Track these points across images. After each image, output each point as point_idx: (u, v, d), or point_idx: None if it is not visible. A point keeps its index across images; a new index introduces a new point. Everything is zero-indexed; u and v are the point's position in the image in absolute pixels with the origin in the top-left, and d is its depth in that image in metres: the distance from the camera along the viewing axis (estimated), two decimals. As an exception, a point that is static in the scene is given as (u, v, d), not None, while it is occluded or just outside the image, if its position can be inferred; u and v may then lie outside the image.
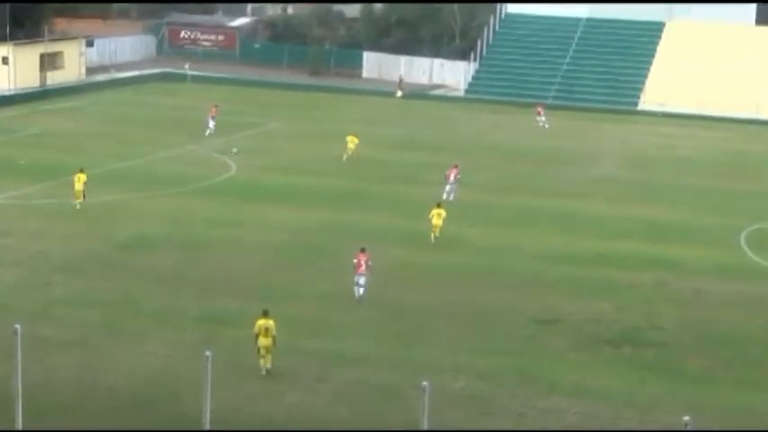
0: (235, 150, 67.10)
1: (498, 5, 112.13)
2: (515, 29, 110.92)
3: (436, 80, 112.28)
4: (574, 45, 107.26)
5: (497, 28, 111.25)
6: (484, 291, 40.09)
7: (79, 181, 51.01)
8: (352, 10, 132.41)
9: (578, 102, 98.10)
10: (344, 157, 66.11)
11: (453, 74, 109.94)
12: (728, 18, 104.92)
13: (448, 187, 55.30)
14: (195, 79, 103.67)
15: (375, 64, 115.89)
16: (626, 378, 31.79)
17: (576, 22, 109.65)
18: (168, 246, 44.68)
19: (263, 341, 30.96)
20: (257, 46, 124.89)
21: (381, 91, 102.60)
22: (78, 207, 50.37)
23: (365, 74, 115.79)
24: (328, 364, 31.72)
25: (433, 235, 46.99)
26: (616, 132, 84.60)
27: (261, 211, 51.51)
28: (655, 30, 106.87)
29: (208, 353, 23.05)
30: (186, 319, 35.34)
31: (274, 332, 30.97)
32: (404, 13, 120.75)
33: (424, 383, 23.05)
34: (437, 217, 47.04)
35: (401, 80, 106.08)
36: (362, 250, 38.87)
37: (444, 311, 37.40)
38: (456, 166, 56.97)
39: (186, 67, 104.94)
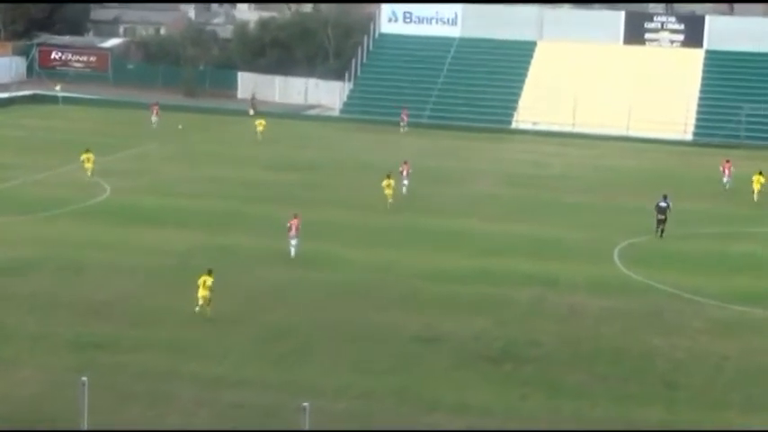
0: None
1: (372, 25, 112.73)
2: (389, 48, 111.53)
3: (311, 100, 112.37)
4: (447, 64, 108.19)
5: (371, 47, 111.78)
6: (364, 309, 40.01)
7: (89, 161, 63.90)
8: (226, 30, 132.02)
9: (453, 121, 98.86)
10: (259, 137, 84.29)
11: (329, 94, 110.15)
12: (598, 37, 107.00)
13: (406, 182, 62.73)
14: (67, 101, 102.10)
15: (250, 84, 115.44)
16: (506, 394, 31.97)
17: (449, 41, 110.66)
18: (41, 270, 43.72)
19: (201, 292, 37.27)
20: (131, 67, 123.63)
21: (257, 111, 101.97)
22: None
23: (240, 94, 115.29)
24: (208, 387, 31.30)
25: (388, 202, 58.26)
26: (491, 151, 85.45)
27: (137, 234, 50.79)
28: (526, 49, 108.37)
29: (84, 378, 22.61)
30: (61, 345, 34.54)
31: (210, 284, 37.22)
32: (278, 34, 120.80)
33: (305, 404, 22.89)
34: (388, 187, 58.44)
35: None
36: (295, 216, 47.40)
37: (324, 331, 37.23)
38: (406, 162, 63.76)
39: (57, 88, 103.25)
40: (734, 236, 56.28)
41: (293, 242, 46.87)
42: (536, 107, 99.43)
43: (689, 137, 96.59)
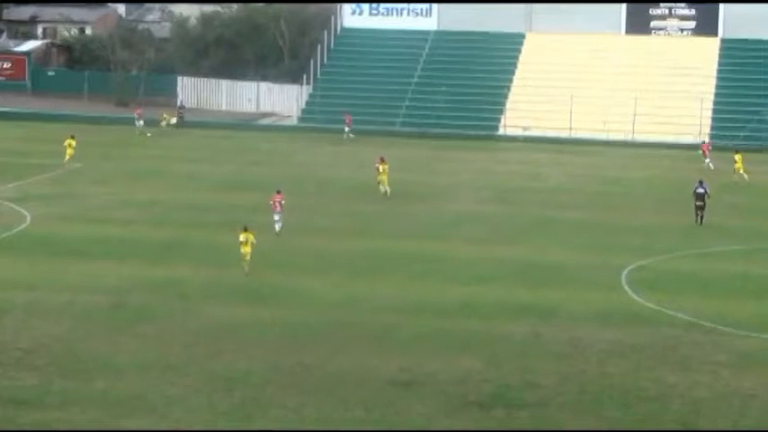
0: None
1: (332, 19, 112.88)
2: (353, 45, 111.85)
3: (264, 107, 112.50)
4: (422, 62, 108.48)
5: (332, 45, 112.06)
6: (330, 351, 39.93)
7: (70, 146, 76.64)
8: (162, 29, 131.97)
9: (430, 128, 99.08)
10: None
11: (284, 99, 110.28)
12: (596, 27, 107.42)
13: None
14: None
15: (192, 91, 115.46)
16: (499, 445, 32.02)
17: (423, 35, 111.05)
18: (-50, 315, 43.54)
19: (245, 249, 48.08)
20: (51, 74, 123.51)
21: (201, 122, 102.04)
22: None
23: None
24: (150, 446, 31.23)
25: (382, 188, 68.28)
26: (475, 162, 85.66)
27: (63, 269, 50.60)
28: (514, 42, 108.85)
29: (4, 440, 22.52)
30: (-24, 402, 34.39)
31: (253, 240, 48.05)
32: (223, 32, 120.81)
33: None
34: (383, 173, 68.21)
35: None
36: (278, 192, 57.21)
37: (284, 378, 37.13)
38: (383, 159, 70.04)
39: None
40: (759, 254, 56.52)
41: (276, 218, 56.46)
42: (526, 110, 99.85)
43: (704, 140, 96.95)
